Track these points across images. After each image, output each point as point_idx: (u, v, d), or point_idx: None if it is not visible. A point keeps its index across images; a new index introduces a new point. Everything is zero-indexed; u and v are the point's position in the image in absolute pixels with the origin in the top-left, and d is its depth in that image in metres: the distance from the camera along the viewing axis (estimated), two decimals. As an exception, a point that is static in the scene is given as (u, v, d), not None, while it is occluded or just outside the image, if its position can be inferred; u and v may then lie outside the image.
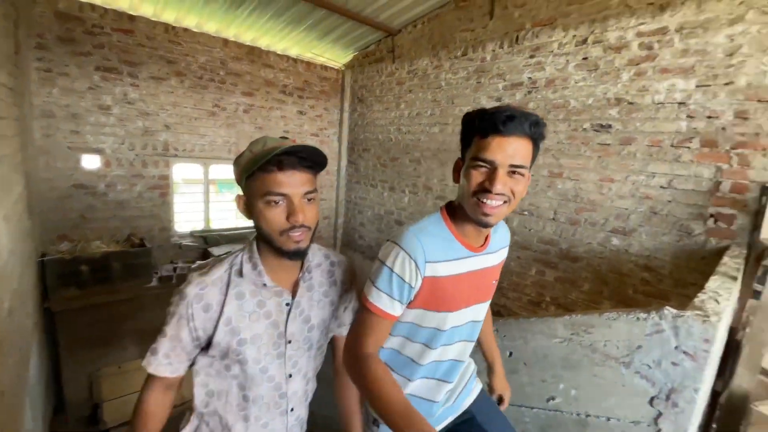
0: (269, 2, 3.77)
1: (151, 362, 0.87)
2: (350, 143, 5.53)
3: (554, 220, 3.14)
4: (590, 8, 2.86)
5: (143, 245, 3.43)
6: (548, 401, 1.41)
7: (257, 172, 0.79)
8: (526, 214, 3.33)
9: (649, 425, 1.17)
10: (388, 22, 4.32)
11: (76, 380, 2.96)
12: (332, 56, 5.18)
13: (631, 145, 2.68)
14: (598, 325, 1.25)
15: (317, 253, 1.02)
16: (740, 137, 2.25)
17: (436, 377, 1.01)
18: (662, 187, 2.56)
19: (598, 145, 2.85)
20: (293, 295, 0.93)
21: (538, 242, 3.26)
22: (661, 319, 1.12)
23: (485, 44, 3.58)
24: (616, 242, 2.79)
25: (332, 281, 1.02)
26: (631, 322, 1.18)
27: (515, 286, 3.42)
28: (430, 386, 1.02)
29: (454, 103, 3.94)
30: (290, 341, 0.93)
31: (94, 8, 3.48)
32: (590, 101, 2.88)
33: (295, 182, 0.80)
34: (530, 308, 3.33)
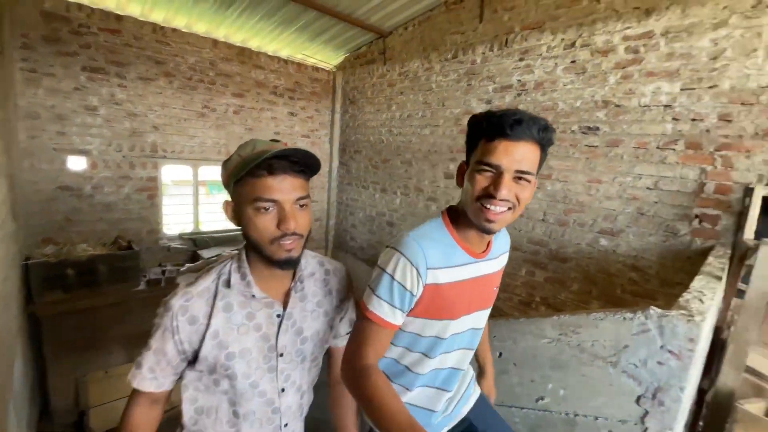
0: (259, 3, 3.76)
1: (135, 376, 0.84)
2: (342, 145, 5.52)
3: (544, 221, 3.17)
4: (578, 12, 2.90)
5: (131, 248, 3.38)
6: (537, 401, 1.42)
7: (246, 176, 0.76)
8: (516, 215, 3.35)
9: (636, 424, 1.18)
10: (379, 24, 4.33)
11: (62, 386, 2.91)
12: (323, 57, 5.17)
13: (618, 147, 2.72)
14: (585, 325, 1.26)
15: (311, 260, 0.98)
16: (724, 139, 2.30)
17: (435, 386, 0.99)
18: (648, 188, 2.60)
19: (586, 146, 2.88)
20: (284, 306, 0.89)
21: (528, 243, 3.29)
22: (646, 318, 1.13)
23: (475, 47, 3.61)
24: (604, 243, 2.82)
25: (327, 290, 0.98)
26: (617, 322, 1.19)
27: (506, 286, 3.44)
28: (429, 395, 0.99)
29: (444, 105, 3.96)
30: (282, 354, 0.89)
31: (80, 8, 3.43)
32: (578, 104, 2.91)
33: (286, 187, 0.76)
34: (521, 308, 3.36)
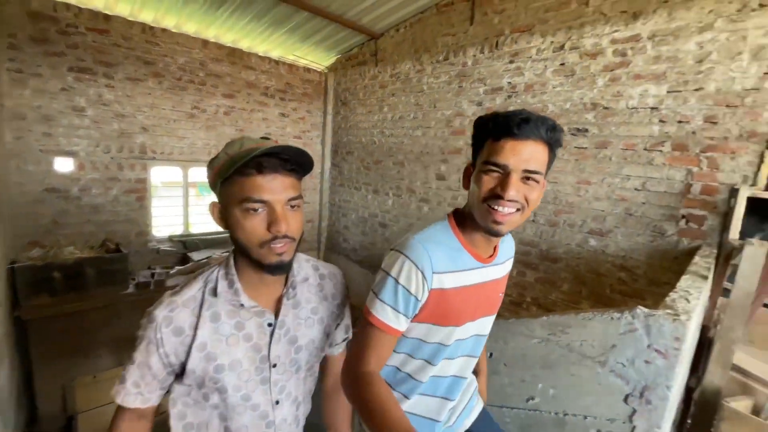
0: (250, 4, 3.73)
1: (119, 392, 0.80)
2: (334, 146, 5.51)
3: (534, 222, 3.19)
4: (567, 15, 2.93)
5: (119, 251, 3.33)
6: (528, 401, 1.43)
7: (234, 175, 0.71)
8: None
9: (624, 422, 1.20)
10: (370, 25, 4.33)
11: (49, 391, 2.85)
12: (315, 59, 5.16)
13: (606, 148, 2.75)
14: (574, 325, 1.27)
15: (304, 265, 0.93)
16: (710, 141, 2.34)
17: (437, 395, 0.96)
18: (636, 189, 2.63)
19: (575, 148, 2.91)
20: (276, 314, 0.84)
21: (518, 243, 3.31)
22: (633, 318, 1.14)
23: (466, 49, 3.63)
24: (593, 243, 2.85)
25: (322, 296, 0.93)
26: (605, 321, 1.20)
27: (497, 287, 3.46)
28: (432, 404, 0.96)
29: (436, 106, 3.97)
30: (275, 365, 0.84)
31: (68, 7, 3.38)
32: (567, 106, 2.94)
33: (277, 187, 0.72)
34: (512, 309, 3.38)
